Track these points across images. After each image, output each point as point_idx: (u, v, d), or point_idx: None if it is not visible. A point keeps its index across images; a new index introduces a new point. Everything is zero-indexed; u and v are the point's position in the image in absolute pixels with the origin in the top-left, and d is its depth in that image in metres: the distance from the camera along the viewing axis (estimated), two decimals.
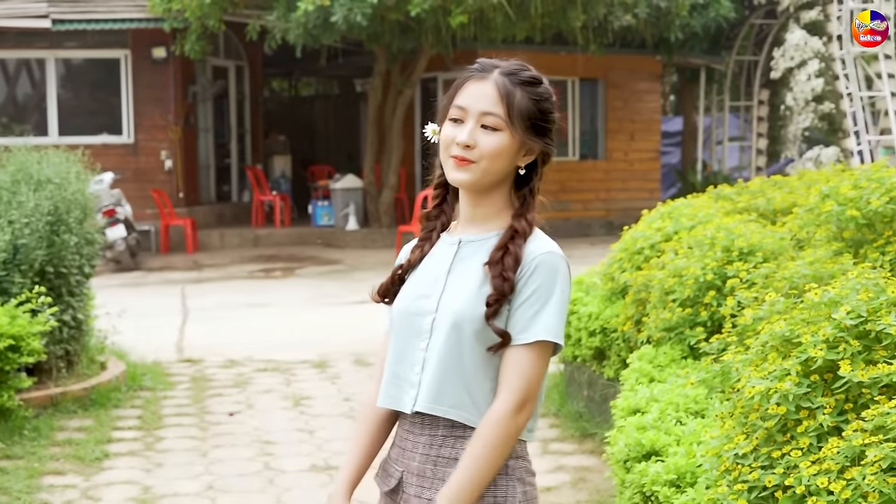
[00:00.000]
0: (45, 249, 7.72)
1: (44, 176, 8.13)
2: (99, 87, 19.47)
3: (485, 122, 2.59)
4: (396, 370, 2.66)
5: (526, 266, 2.57)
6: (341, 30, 15.78)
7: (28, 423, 7.08)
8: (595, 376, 7.07)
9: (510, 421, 2.51)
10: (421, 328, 2.63)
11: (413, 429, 2.63)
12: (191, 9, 16.64)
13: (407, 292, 2.69)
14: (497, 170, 2.62)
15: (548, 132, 2.69)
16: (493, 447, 2.51)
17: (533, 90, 2.64)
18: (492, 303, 2.53)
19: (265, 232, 19.40)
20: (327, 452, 6.80)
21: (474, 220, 2.68)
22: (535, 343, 2.53)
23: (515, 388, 2.52)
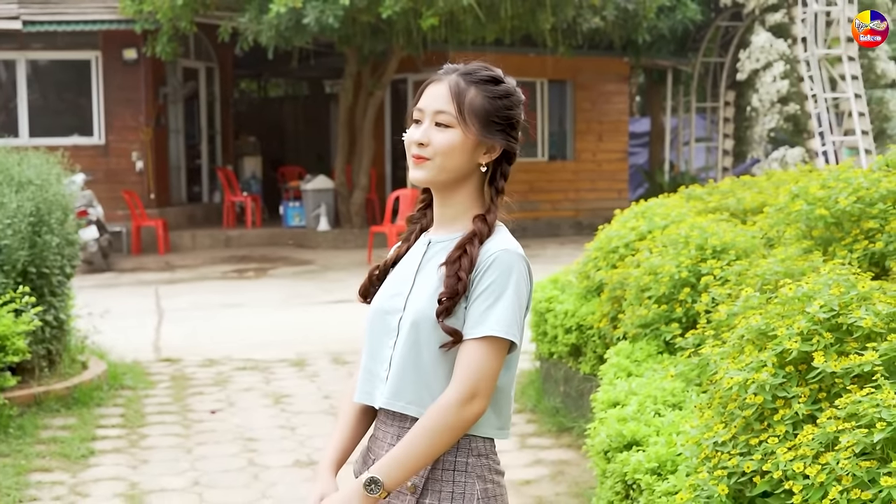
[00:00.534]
0: (27, 250, 7.80)
1: (25, 177, 8.21)
2: (70, 88, 19.48)
3: (438, 120, 2.65)
4: (369, 366, 2.74)
5: (482, 263, 2.62)
6: (313, 32, 15.88)
7: (12, 421, 7.17)
8: (571, 372, 7.23)
9: (455, 411, 2.54)
10: (390, 326, 2.70)
11: (385, 420, 2.70)
12: (162, 10, 16.70)
13: (382, 292, 2.77)
14: (452, 166, 2.66)
15: (508, 129, 2.72)
16: (433, 432, 2.55)
17: (489, 88, 2.69)
18: (443, 300, 2.58)
19: (237, 233, 19.48)
20: (310, 448, 6.93)
21: (444, 221, 2.74)
22: (487, 338, 2.56)
23: (464, 380, 2.55)
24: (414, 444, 2.55)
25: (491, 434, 2.68)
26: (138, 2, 17.30)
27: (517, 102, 2.75)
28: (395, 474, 2.55)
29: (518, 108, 2.75)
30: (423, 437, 2.55)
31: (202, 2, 16.54)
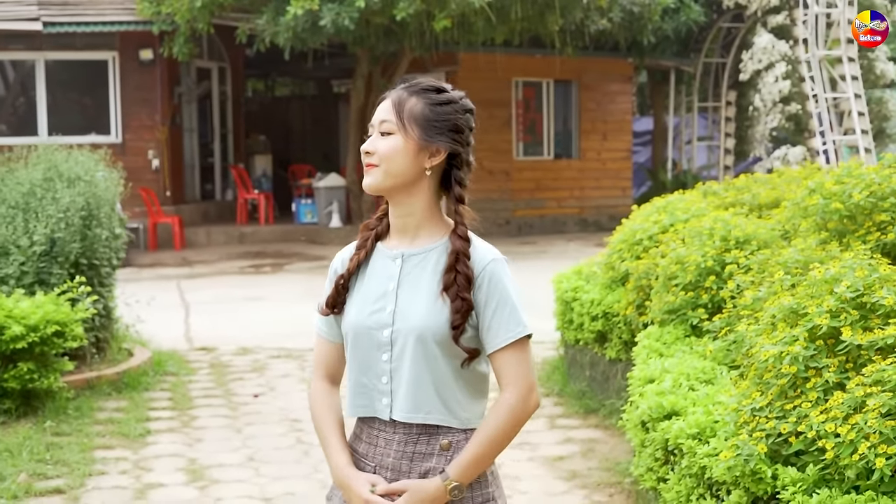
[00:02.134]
0: (79, 243, 8.25)
1: (73, 174, 8.64)
2: (87, 88, 19.89)
3: (382, 129, 2.80)
4: (362, 381, 2.83)
5: (479, 277, 2.79)
6: (329, 33, 16.30)
7: (70, 403, 7.61)
8: (597, 357, 7.68)
9: (521, 408, 2.77)
10: (380, 341, 2.80)
11: (385, 428, 2.82)
12: (180, 12, 17.12)
13: (357, 307, 2.85)
14: (397, 171, 2.78)
15: (451, 133, 2.82)
16: (504, 433, 2.76)
17: (429, 96, 2.82)
18: (457, 325, 2.74)
19: (250, 229, 19.91)
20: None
21: (406, 230, 2.86)
22: (520, 339, 2.77)
23: (518, 380, 2.76)
24: (486, 445, 2.74)
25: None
26: (156, 3, 17.72)
27: (460, 109, 2.84)
28: (469, 475, 2.76)
29: (463, 115, 2.84)
30: (495, 439, 2.76)
31: (219, 4, 16.95)
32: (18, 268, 7.97)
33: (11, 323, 7.19)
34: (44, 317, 7.28)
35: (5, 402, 7.27)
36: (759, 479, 3.80)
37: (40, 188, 8.45)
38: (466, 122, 2.85)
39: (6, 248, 8.05)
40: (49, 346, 7.34)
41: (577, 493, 6.08)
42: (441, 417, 2.78)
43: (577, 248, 17.86)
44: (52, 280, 8.01)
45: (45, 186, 8.48)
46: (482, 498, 2.81)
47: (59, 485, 6.18)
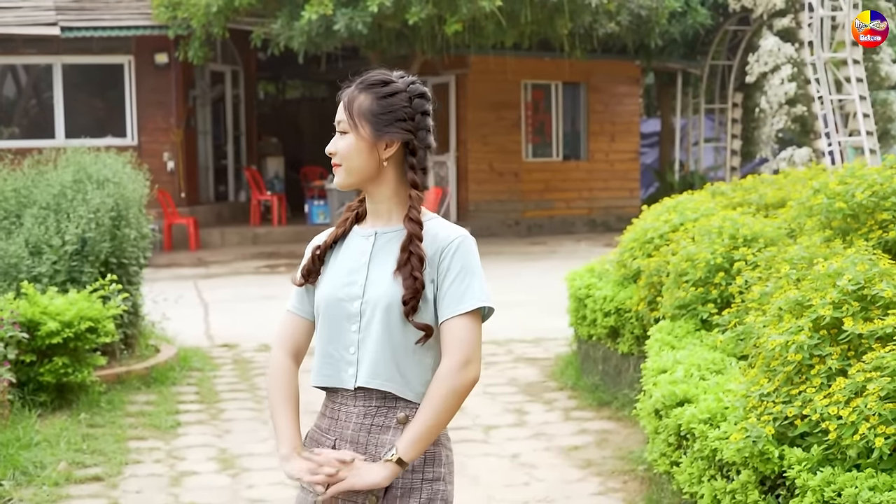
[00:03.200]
0: (108, 242, 8.55)
1: (102, 176, 8.94)
2: (104, 91, 20.21)
3: (339, 129, 2.93)
4: (329, 350, 2.93)
5: (446, 248, 2.88)
6: (342, 37, 16.60)
7: (102, 397, 7.90)
8: (609, 352, 7.96)
9: (456, 376, 2.82)
10: (350, 312, 2.90)
11: (346, 401, 2.92)
12: (196, 17, 17.43)
13: (331, 281, 2.96)
14: (357, 167, 2.91)
15: (400, 123, 2.91)
16: (439, 402, 2.82)
17: (376, 90, 2.92)
18: (408, 300, 2.83)
19: (263, 230, 20.20)
20: None
21: (379, 215, 2.97)
22: (471, 311, 2.86)
23: (457, 349, 2.83)
24: (426, 417, 2.82)
25: None
26: (172, 8, 18.03)
27: (408, 98, 2.93)
28: (415, 450, 2.82)
29: (411, 103, 2.93)
30: (432, 409, 2.83)
31: (234, 8, 17.25)
32: (51, 266, 8.27)
33: (47, 319, 7.50)
34: (77, 313, 7.58)
35: (41, 396, 7.57)
36: (767, 459, 4.08)
37: (71, 190, 8.75)
38: (418, 108, 2.94)
39: (39, 248, 8.35)
40: (82, 342, 7.64)
41: (593, 480, 6.36)
42: (397, 388, 2.86)
43: (586, 248, 18.15)
44: (83, 278, 8.31)
45: (76, 188, 8.78)
46: (432, 475, 2.89)
47: (98, 472, 6.48)
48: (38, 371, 7.56)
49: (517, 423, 7.60)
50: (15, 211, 8.75)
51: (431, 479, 2.89)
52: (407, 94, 2.94)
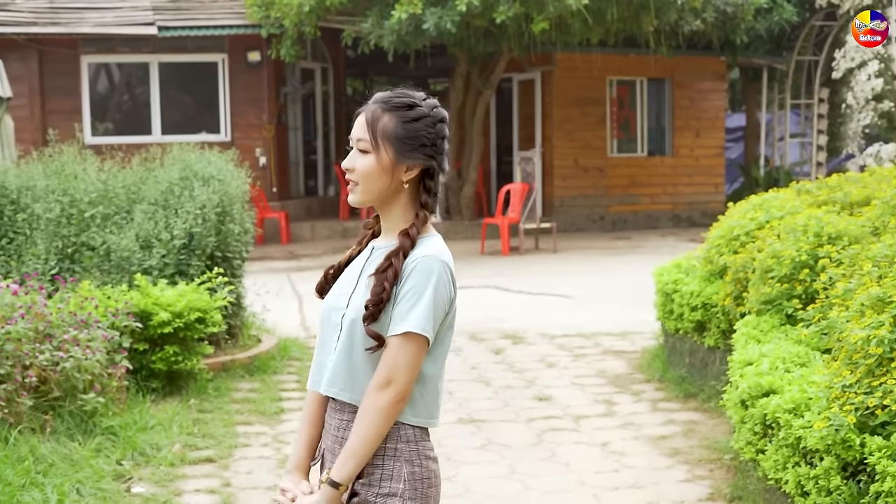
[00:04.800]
0: (214, 237, 8.97)
1: (208, 173, 9.36)
2: (198, 88, 20.78)
3: (359, 147, 2.94)
4: (320, 357, 3.04)
5: (406, 269, 2.88)
6: (431, 36, 16.93)
7: (210, 384, 8.32)
8: (696, 346, 8.20)
9: (373, 395, 2.84)
10: (334, 322, 2.98)
11: (331, 412, 3.01)
12: (289, 16, 17.88)
13: (332, 290, 3.07)
14: (375, 188, 2.93)
15: (423, 149, 2.95)
16: (360, 418, 2.85)
17: (402, 113, 2.93)
18: (369, 307, 2.86)
19: (352, 224, 20.62)
20: (469, 409, 7.99)
21: (386, 231, 3.02)
22: (405, 334, 2.84)
23: (381, 369, 2.85)
24: (352, 435, 2.87)
25: (417, 422, 2.94)
26: (265, 8, 18.50)
27: (432, 123, 2.96)
28: (347, 468, 2.86)
29: (434, 128, 2.96)
30: (355, 426, 2.87)
31: (326, 7, 17.67)
32: (161, 260, 8.70)
33: (158, 310, 7.93)
34: (187, 304, 8.00)
35: (153, 382, 8.01)
36: (849, 447, 4.33)
37: (178, 186, 9.18)
38: (438, 133, 2.97)
39: (149, 242, 8.79)
40: (192, 332, 8.06)
41: (680, 467, 6.62)
42: (355, 398, 2.92)
43: (671, 244, 18.32)
44: (190, 271, 8.74)
45: (182, 185, 9.21)
46: (388, 490, 2.90)
47: (210, 454, 6.89)
48: (150, 359, 8.00)
49: (606, 413, 7.87)
50: (125, 207, 9.19)
51: (387, 494, 2.89)
52: (431, 118, 2.96)
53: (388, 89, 3.03)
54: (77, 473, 6.15)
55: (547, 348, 10.05)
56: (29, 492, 5.65)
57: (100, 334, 7.21)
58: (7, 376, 6.48)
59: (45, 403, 6.77)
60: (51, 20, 19.18)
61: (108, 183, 9.28)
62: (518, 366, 9.37)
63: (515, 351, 9.96)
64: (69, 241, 8.73)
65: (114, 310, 7.67)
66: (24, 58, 19.32)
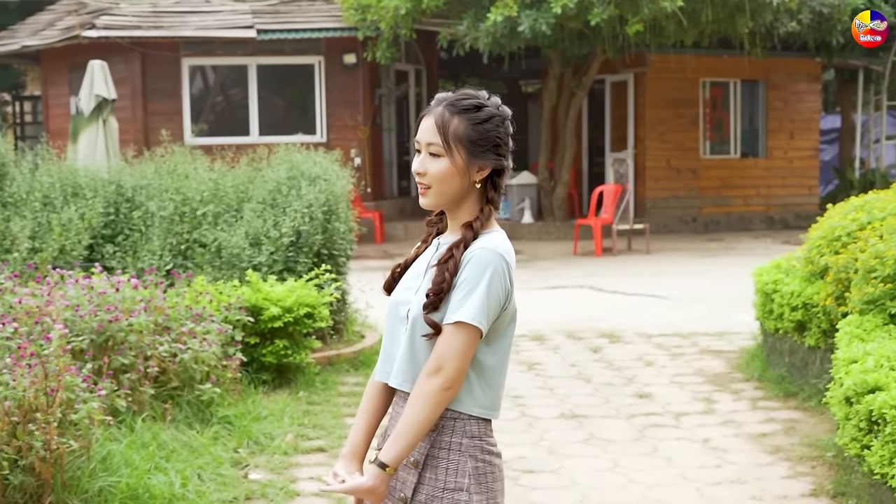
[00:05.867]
0: (321, 235, 9.22)
1: (314, 173, 9.62)
2: (295, 90, 21.16)
3: (430, 151, 2.97)
4: (388, 349, 3.10)
5: (464, 261, 2.93)
6: (526, 38, 17.09)
7: (317, 377, 8.57)
8: (796, 345, 8.27)
9: (423, 381, 2.88)
10: (401, 315, 3.04)
11: (398, 400, 3.06)
12: (385, 19, 18.17)
13: (399, 285, 3.13)
14: (449, 190, 2.98)
15: (494, 149, 3.00)
16: (411, 403, 2.89)
17: (471, 115, 2.96)
18: (430, 296, 2.91)
19: None
20: (570, 404, 8.15)
21: (451, 228, 3.07)
22: (457, 323, 2.88)
23: (433, 357, 2.90)
24: (402, 419, 2.90)
25: (479, 413, 2.98)
26: (361, 11, 18.81)
27: (500, 122, 3.01)
28: (393, 450, 2.89)
29: (501, 127, 3.01)
30: (406, 410, 2.90)
31: (421, 11, 17.92)
32: (269, 256, 8.98)
33: (269, 305, 8.19)
34: (297, 300, 8.26)
35: (264, 375, 8.27)
36: None
37: (285, 186, 9.46)
38: (506, 132, 3.03)
39: (258, 239, 9.07)
40: (300, 326, 8.31)
41: (782, 464, 6.71)
42: (411, 386, 2.96)
43: (764, 246, 18.27)
44: (298, 268, 9.01)
45: (290, 184, 9.48)
46: (454, 485, 2.95)
47: (321, 444, 7.12)
48: (260, 352, 8.26)
49: (706, 411, 7.97)
50: (234, 206, 9.49)
51: (453, 489, 2.94)
52: (500, 117, 3.01)
53: (450, 90, 3.09)
54: (197, 460, 6.42)
55: (644, 347, 10.16)
56: (154, 475, 5.92)
57: (214, 327, 7.49)
58: (130, 366, 6.78)
59: (164, 393, 7.06)
60: (154, 24, 19.68)
61: (218, 182, 9.59)
62: (616, 364, 9.50)
63: (613, 349, 10.09)
64: (182, 238, 9.04)
65: (226, 304, 7.94)
66: (128, 60, 19.86)
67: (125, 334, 6.82)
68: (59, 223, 9.01)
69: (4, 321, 6.16)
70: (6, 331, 6.04)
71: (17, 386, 5.35)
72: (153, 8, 20.20)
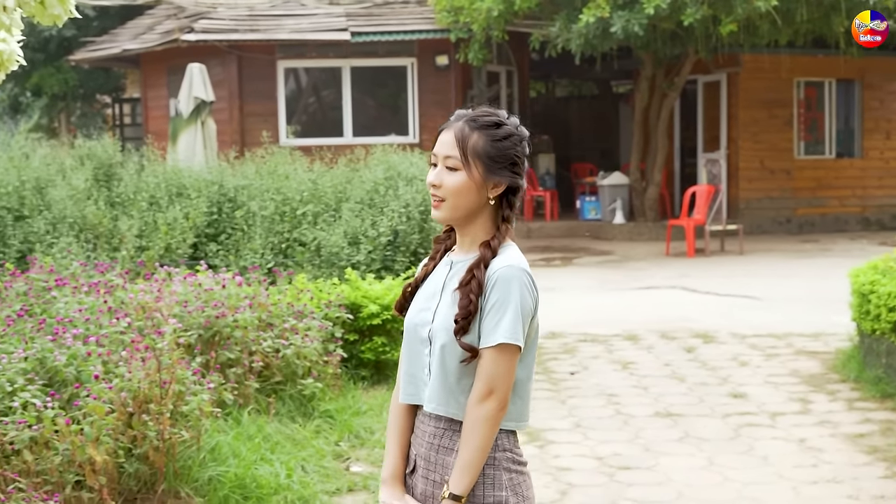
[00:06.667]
0: (417, 234, 9.39)
1: (410, 174, 9.80)
2: (387, 92, 21.40)
3: (447, 164, 2.97)
4: (411, 371, 3.10)
5: (488, 281, 2.92)
6: (618, 39, 17.11)
7: None
8: (893, 346, 8.24)
9: (476, 408, 2.89)
10: (423, 337, 3.04)
11: (424, 419, 3.07)
12: (478, 21, 18.31)
13: (413, 306, 3.13)
14: (463, 204, 2.98)
15: (510, 167, 3.01)
16: (468, 432, 2.90)
17: (490, 132, 2.98)
18: (459, 321, 2.91)
19: (536, 225, 20.96)
20: (664, 403, 8.21)
21: (463, 245, 3.06)
22: (498, 346, 2.90)
23: (480, 382, 2.91)
24: (463, 448, 2.92)
25: (509, 426, 3.00)
26: (454, 13, 18.97)
27: (518, 141, 3.02)
28: (464, 482, 2.93)
29: (519, 146, 3.02)
30: (465, 439, 2.92)
31: (514, 12, 18.03)
32: (367, 255, 9.17)
33: (367, 302, 8.37)
34: (394, 298, 8.42)
35: (363, 371, 8.46)
36: None
37: (383, 186, 9.65)
38: (523, 152, 3.04)
39: (357, 238, 9.27)
40: (398, 324, 8.47)
41: (879, 465, 6.72)
42: (453, 412, 2.99)
43: (860, 247, 18.08)
44: (395, 266, 9.19)
45: (387, 184, 9.67)
46: (493, 499, 2.96)
47: None
48: (359, 349, 8.45)
49: (802, 411, 7.99)
50: (333, 205, 9.70)
51: (492, 503, 2.97)
52: (518, 136, 3.03)
53: (470, 107, 3.12)
54: (301, 452, 6.61)
55: (738, 348, 10.17)
56: (260, 466, 6.12)
57: (315, 324, 7.69)
58: (236, 360, 6.99)
59: (268, 387, 7.27)
60: (250, 27, 20.04)
61: (317, 182, 9.81)
62: (710, 364, 9.52)
63: (707, 349, 10.11)
64: (283, 237, 9.27)
65: (326, 302, 8.14)
66: (225, 63, 20.25)
67: (231, 330, 7.03)
68: (164, 222, 9.28)
69: (118, 316, 6.41)
70: (120, 325, 6.29)
71: (132, 378, 5.58)
72: (250, 11, 20.57)
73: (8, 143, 11.49)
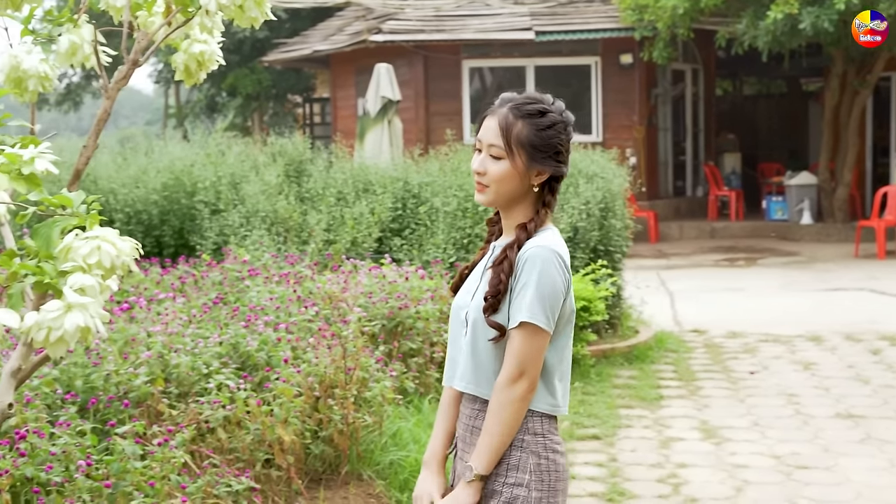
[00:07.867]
0: (597, 231, 9.46)
1: (591, 171, 9.87)
2: (571, 90, 21.45)
3: (491, 152, 2.97)
4: (452, 353, 3.13)
5: (519, 261, 2.93)
6: (807, 35, 16.80)
7: (592, 369, 8.83)
8: None
9: (505, 390, 2.89)
10: (461, 319, 3.07)
11: (465, 402, 3.09)
12: (662, 19, 18.22)
13: (461, 290, 3.16)
14: (506, 191, 2.98)
15: (554, 156, 2.99)
16: (495, 413, 2.90)
17: (534, 121, 2.96)
18: (488, 299, 2.94)
19: (721, 225, 20.71)
20: (846, 404, 8.10)
21: (507, 229, 3.08)
22: (522, 325, 2.89)
23: (508, 363, 2.91)
24: (488, 429, 2.93)
25: (544, 409, 2.99)
26: (638, 11, 18.92)
27: (562, 129, 3.00)
28: (484, 460, 2.94)
29: (563, 134, 3.00)
30: (490, 419, 2.92)
31: (700, 10, 17.87)
32: None
33: None
34: (575, 293, 8.51)
35: None
36: None
37: (563, 183, 9.73)
38: (568, 138, 3.02)
39: None
40: (577, 319, 8.57)
41: None
42: (480, 390, 3.01)
43: None
44: (574, 262, 9.26)
45: (567, 181, 9.75)
46: (514, 480, 2.94)
47: (595, 432, 7.37)
48: None
49: None
50: None
51: (513, 484, 2.94)
52: (563, 123, 3.01)
53: (515, 92, 3.08)
54: None
55: None
56: None
57: None
58: (418, 351, 7.21)
59: None
60: (436, 27, 20.39)
61: None
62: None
63: (893, 352, 9.89)
64: (464, 233, 9.44)
65: None
66: (411, 63, 20.64)
67: (413, 321, 7.25)
68: (351, 217, 9.58)
69: (307, 305, 6.70)
70: (308, 313, 6.57)
71: (319, 363, 5.84)
72: (436, 12, 20.92)
73: (205, 141, 12.01)
